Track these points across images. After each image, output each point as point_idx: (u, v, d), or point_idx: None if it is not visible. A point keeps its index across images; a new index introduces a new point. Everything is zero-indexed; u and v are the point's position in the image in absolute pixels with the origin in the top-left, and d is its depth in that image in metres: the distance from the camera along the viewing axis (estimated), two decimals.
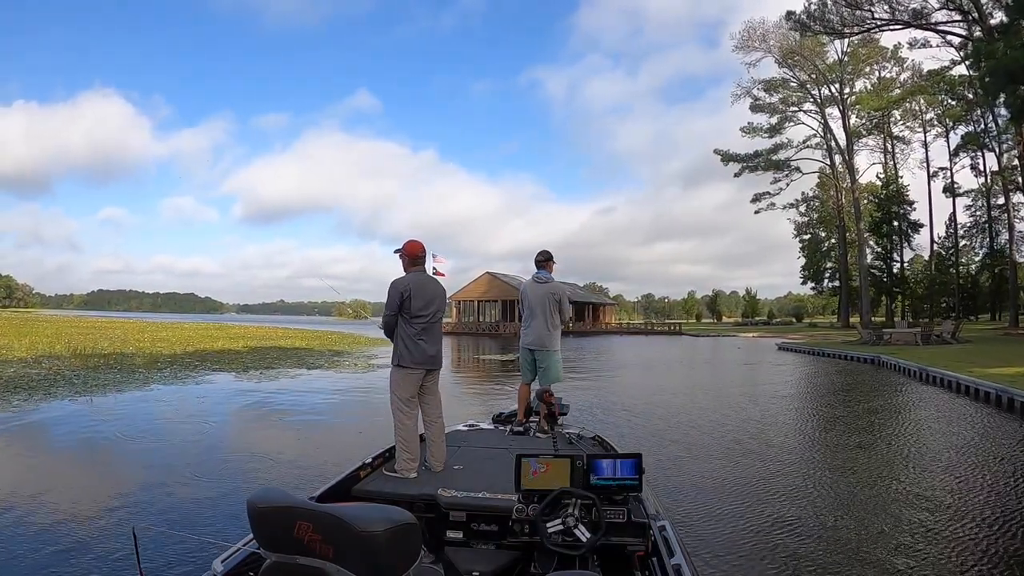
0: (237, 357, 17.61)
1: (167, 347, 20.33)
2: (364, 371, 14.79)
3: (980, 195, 47.09)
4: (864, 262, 45.32)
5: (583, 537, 2.25)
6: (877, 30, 29.33)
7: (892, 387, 12.74)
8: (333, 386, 12.29)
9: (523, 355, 4.95)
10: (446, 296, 3.84)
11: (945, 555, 3.66)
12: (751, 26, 42.73)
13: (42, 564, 3.48)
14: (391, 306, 3.51)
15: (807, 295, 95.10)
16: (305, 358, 17.99)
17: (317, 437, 7.52)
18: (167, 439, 7.04)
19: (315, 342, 26.45)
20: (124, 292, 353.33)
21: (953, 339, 20.77)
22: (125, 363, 15.12)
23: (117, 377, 12.41)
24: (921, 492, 5.02)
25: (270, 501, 1.28)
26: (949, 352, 17.08)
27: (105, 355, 16.92)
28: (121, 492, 4.95)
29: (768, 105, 46.76)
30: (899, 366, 15.13)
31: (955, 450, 6.72)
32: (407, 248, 3.60)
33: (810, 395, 12.68)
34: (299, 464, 5.96)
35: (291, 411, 9.23)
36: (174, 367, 14.63)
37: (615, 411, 9.34)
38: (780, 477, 5.55)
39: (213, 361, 16.31)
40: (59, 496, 4.79)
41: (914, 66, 44.71)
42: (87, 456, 6.39)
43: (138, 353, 17.82)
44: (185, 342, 23.12)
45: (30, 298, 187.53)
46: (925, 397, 11.11)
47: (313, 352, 20.77)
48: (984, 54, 17.79)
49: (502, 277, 54.27)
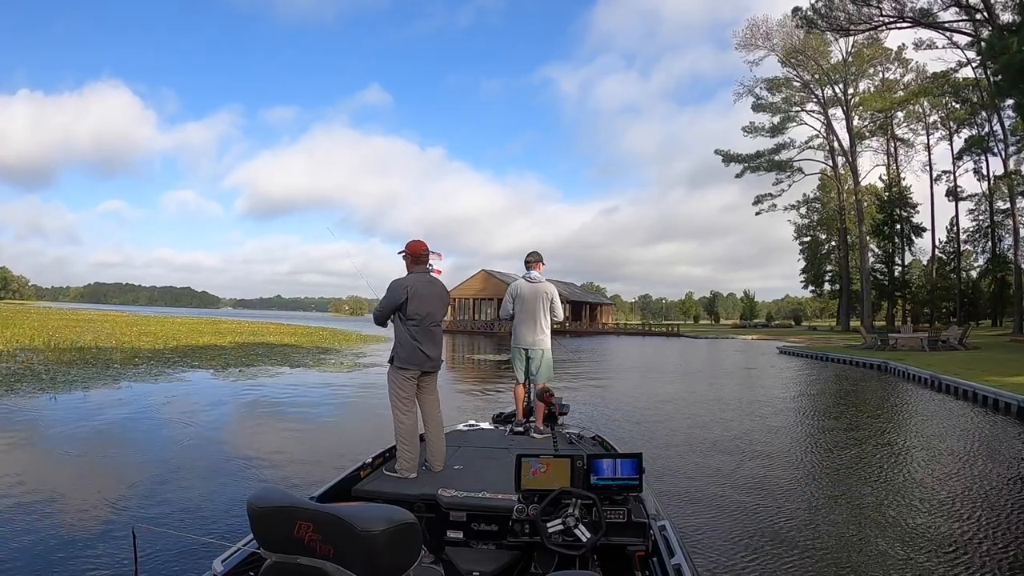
0: (220, 353, 16.98)
1: (152, 342, 19.90)
2: (348, 370, 14.13)
3: (984, 199, 46.62)
4: (866, 265, 44.78)
5: (583, 537, 2.24)
6: (884, 28, 28.74)
7: (913, 399, 11.71)
8: (310, 387, 11.51)
9: (516, 355, 4.86)
10: (448, 298, 3.79)
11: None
12: (754, 24, 42.18)
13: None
14: (387, 304, 3.49)
15: (805, 298, 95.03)
16: (291, 355, 17.35)
17: (265, 462, 5.87)
18: (107, 450, 6.25)
19: (305, 339, 25.82)
20: (121, 285, 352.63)
21: (961, 345, 20.21)
22: (102, 358, 14.69)
23: (89, 373, 11.88)
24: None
25: (270, 501, 1.28)
26: (958, 359, 16.50)
27: (84, 349, 16.46)
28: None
29: (771, 105, 46.19)
30: (908, 373, 14.49)
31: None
32: (410, 248, 3.58)
33: (826, 410, 11.67)
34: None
35: (260, 417, 8.51)
36: (152, 363, 14.09)
37: (622, 424, 8.42)
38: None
39: (195, 357, 15.69)
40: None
41: (918, 68, 44.35)
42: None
43: (120, 348, 17.40)
44: (171, 337, 22.76)
45: (26, 290, 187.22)
46: (953, 413, 9.97)
47: (300, 349, 20.14)
48: (997, 49, 17.19)
49: (498, 275, 53.73)
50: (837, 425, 9.03)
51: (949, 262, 49.20)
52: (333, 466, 4.61)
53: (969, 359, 16.29)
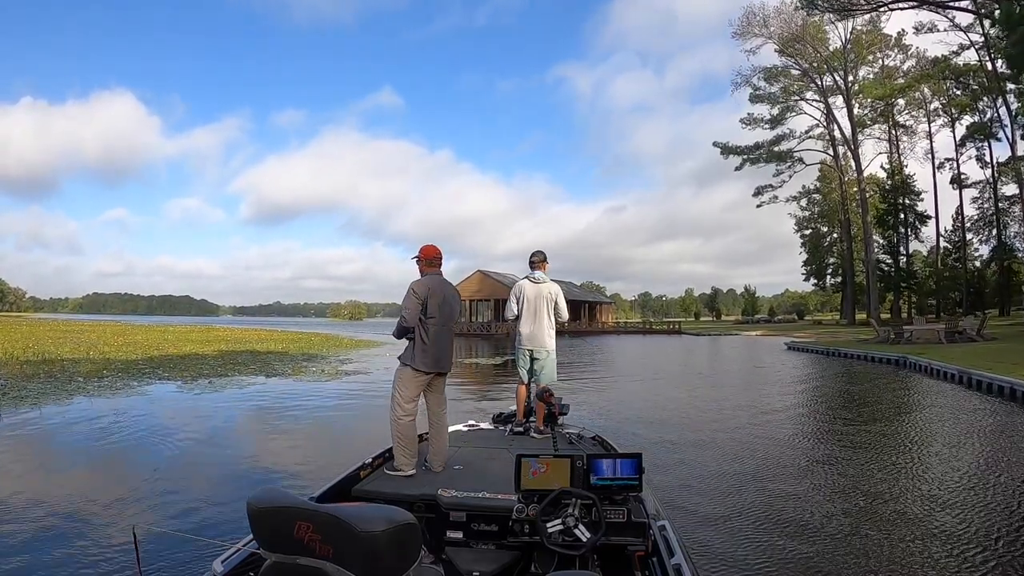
0: (197, 362, 16.03)
1: (132, 352, 19.14)
2: (328, 379, 13.07)
3: (987, 186, 45.74)
4: (871, 256, 43.82)
5: (583, 537, 2.22)
6: (887, 8, 27.78)
7: (952, 400, 10.18)
8: (278, 400, 10.23)
9: (520, 356, 4.85)
10: (460, 302, 3.77)
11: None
12: (751, 11, 41.29)
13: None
14: (412, 309, 3.38)
15: (806, 292, 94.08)
16: (272, 363, 16.35)
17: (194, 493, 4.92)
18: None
19: (293, 345, 24.85)
20: (120, 295, 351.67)
21: (979, 336, 19.24)
22: (68, 370, 13.87)
23: (47, 387, 11.04)
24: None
25: (270, 501, 1.28)
26: (981, 351, 15.54)
27: (53, 362, 15.53)
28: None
29: (769, 95, 45.28)
30: (932, 368, 13.44)
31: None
32: (424, 252, 3.58)
33: (866, 416, 9.81)
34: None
35: (199, 444, 7.02)
36: (120, 375, 13.23)
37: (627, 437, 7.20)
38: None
39: (169, 367, 14.75)
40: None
41: (918, 54, 43.48)
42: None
43: (94, 359, 16.60)
44: (154, 346, 22.06)
45: (22, 302, 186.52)
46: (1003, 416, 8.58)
47: (286, 356, 19.14)
48: (1016, 18, 16.18)
49: (494, 275, 52.86)
50: (896, 443, 8.03)
51: (953, 251, 48.31)
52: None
53: (993, 351, 15.31)
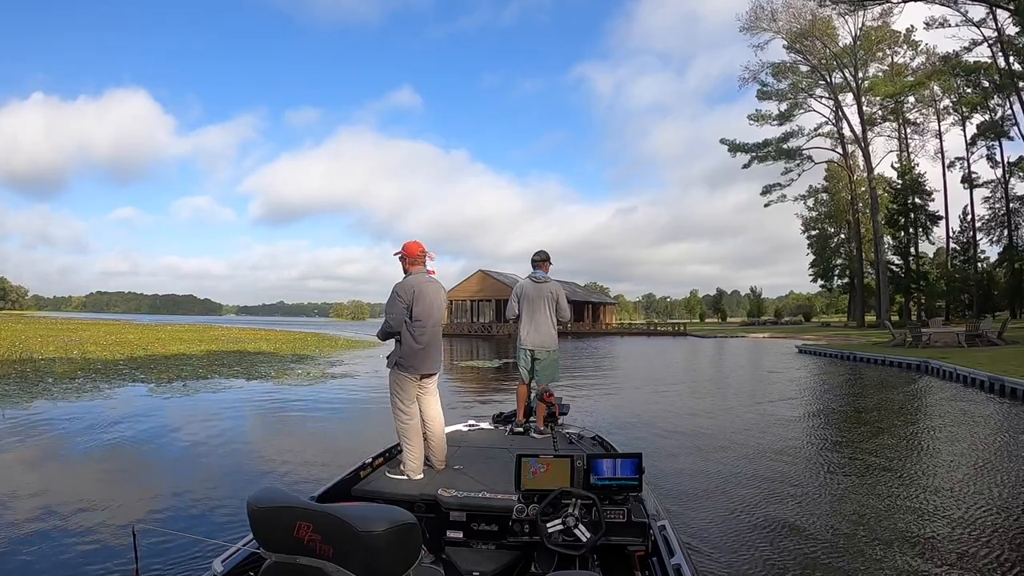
0: (181, 363, 15.30)
1: (117, 351, 18.54)
2: (311, 382, 12.25)
3: (999, 186, 44.78)
4: (882, 256, 42.86)
5: (583, 537, 2.23)
6: (900, 1, 26.87)
7: (990, 411, 9.15)
8: (250, 406, 9.35)
9: (522, 356, 4.80)
10: (445, 299, 3.66)
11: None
12: (759, 5, 40.43)
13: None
14: (397, 312, 3.36)
15: (812, 294, 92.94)
16: (258, 364, 15.58)
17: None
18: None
19: (286, 345, 24.10)
20: (122, 294, 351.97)
21: (1000, 339, 18.36)
22: (42, 371, 13.32)
23: (12, 389, 10.42)
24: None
25: (270, 501, 1.28)
26: (1007, 355, 14.68)
27: (29, 361, 15.05)
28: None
29: (777, 91, 44.38)
30: (958, 374, 12.54)
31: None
32: (407, 248, 3.50)
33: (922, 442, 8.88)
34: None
35: (140, 458, 6.05)
36: (95, 375, 12.65)
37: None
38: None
39: (148, 368, 14.04)
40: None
41: (928, 51, 42.53)
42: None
43: (74, 359, 16.00)
44: (143, 346, 21.40)
45: (25, 300, 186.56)
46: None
47: (275, 357, 18.38)
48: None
49: (495, 275, 52.12)
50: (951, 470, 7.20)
51: (963, 252, 47.35)
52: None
53: (1020, 355, 14.45)
